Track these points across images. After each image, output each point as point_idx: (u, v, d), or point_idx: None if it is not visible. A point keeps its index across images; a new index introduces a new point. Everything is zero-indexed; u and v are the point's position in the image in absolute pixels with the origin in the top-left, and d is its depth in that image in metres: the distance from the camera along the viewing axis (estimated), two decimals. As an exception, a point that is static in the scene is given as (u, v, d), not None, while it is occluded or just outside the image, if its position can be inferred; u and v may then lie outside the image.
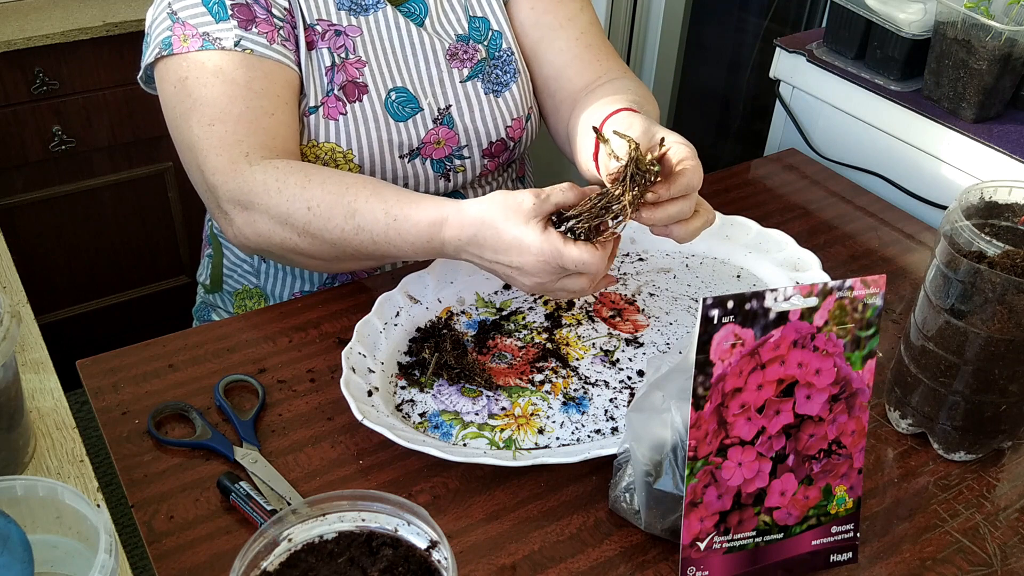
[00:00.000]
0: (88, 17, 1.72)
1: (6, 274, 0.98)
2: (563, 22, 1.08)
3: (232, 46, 0.92)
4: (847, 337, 0.67)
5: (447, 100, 1.04)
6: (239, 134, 0.91)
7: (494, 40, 1.07)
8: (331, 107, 0.98)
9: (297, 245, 0.90)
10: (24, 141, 1.75)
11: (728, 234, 1.04)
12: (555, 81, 1.08)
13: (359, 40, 1.00)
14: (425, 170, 1.04)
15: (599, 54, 1.07)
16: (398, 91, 1.01)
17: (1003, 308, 0.75)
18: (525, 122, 1.09)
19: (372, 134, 0.99)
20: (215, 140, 0.91)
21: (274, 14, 0.95)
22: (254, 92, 0.92)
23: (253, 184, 0.89)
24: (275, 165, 0.90)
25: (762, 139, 1.51)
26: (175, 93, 0.94)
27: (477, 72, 1.05)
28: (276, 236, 0.90)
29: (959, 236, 0.79)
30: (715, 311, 0.62)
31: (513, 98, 1.07)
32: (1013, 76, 1.16)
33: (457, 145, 1.05)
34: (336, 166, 0.99)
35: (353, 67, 0.99)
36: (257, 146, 0.92)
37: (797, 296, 0.65)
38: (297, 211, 0.88)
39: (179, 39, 0.93)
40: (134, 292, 2.05)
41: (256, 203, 0.89)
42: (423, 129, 1.02)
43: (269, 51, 0.93)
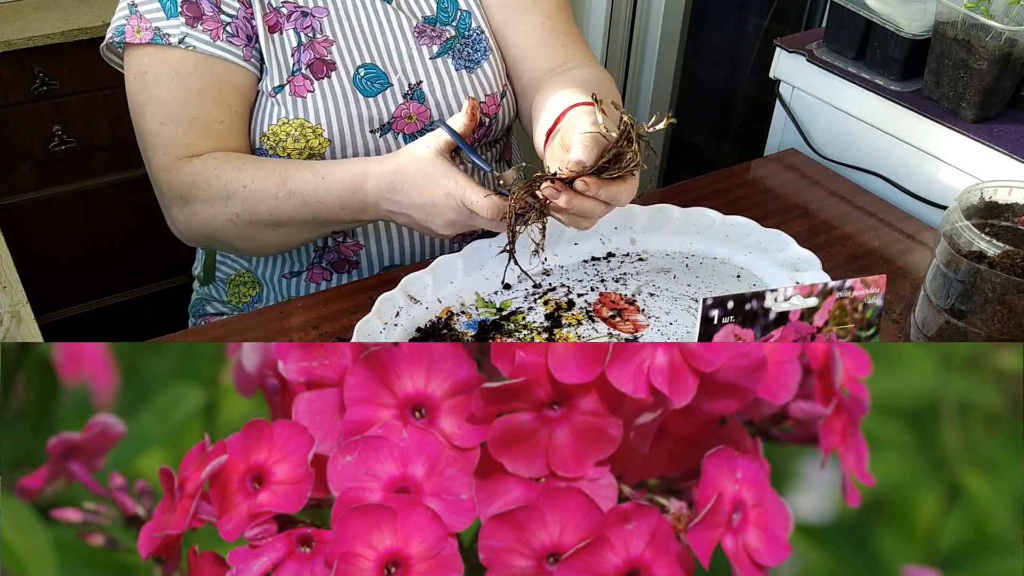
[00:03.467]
0: (88, 17, 1.72)
1: (6, 274, 0.98)
2: (528, 5, 1.09)
3: (177, 42, 0.95)
4: (847, 337, 0.67)
5: (417, 76, 1.05)
6: (188, 137, 0.97)
7: (463, 20, 1.08)
8: (298, 85, 1.00)
9: (239, 223, 0.95)
10: (24, 141, 1.75)
11: (728, 234, 1.04)
12: (521, 63, 1.10)
13: (326, 20, 1.02)
14: (397, 143, 1.05)
15: (564, 40, 1.09)
16: (367, 67, 1.02)
17: (1003, 308, 0.75)
18: (500, 99, 1.09)
19: (341, 109, 1.01)
20: (164, 139, 0.97)
21: (223, 10, 0.97)
22: (205, 99, 0.97)
23: (194, 176, 0.95)
24: (214, 156, 0.96)
25: (762, 139, 1.51)
26: (134, 84, 0.99)
27: (447, 49, 1.06)
28: (218, 219, 0.96)
29: (959, 236, 0.79)
30: (715, 311, 0.62)
31: (485, 75, 1.08)
32: (1013, 76, 1.16)
33: (429, 120, 1.05)
34: (306, 141, 1.00)
35: (321, 46, 1.01)
36: (204, 147, 0.97)
37: (797, 296, 0.65)
38: (235, 191, 0.94)
39: (133, 30, 0.96)
40: (134, 292, 2.05)
41: (196, 194, 0.95)
42: (393, 104, 1.03)
43: (212, 48, 0.96)
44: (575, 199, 0.81)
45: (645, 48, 2.19)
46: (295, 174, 0.93)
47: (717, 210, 1.06)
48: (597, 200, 0.81)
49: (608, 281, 1.00)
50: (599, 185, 0.80)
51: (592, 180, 0.80)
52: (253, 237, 0.98)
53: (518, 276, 0.99)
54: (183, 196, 0.97)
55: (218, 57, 0.96)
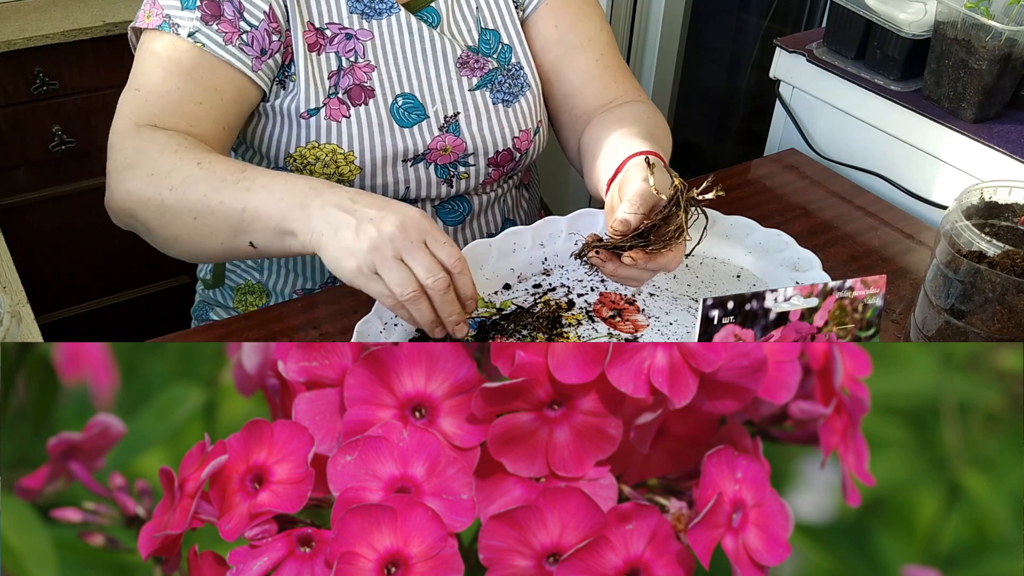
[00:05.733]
0: (88, 17, 1.72)
1: (6, 274, 0.98)
2: (584, 42, 1.09)
3: (187, 35, 0.93)
4: (847, 337, 0.67)
5: (455, 107, 1.04)
6: (156, 108, 0.92)
7: (503, 54, 1.08)
8: (333, 109, 0.98)
9: (163, 201, 0.87)
10: (24, 141, 1.75)
11: (728, 234, 1.04)
12: (572, 99, 1.10)
13: (369, 44, 1.00)
14: (428, 175, 1.04)
15: (616, 75, 1.10)
16: (405, 97, 1.01)
17: (1003, 308, 0.75)
18: (533, 135, 1.10)
19: (376, 138, 1.00)
20: (133, 105, 0.93)
21: (244, 18, 0.95)
22: (191, 78, 0.93)
23: (150, 144, 0.89)
24: (185, 136, 0.91)
25: (762, 139, 1.51)
26: (134, 63, 0.97)
27: (487, 81, 1.06)
28: (146, 192, 0.88)
29: (959, 236, 0.79)
30: (715, 311, 0.62)
31: (522, 110, 1.08)
32: (1013, 76, 1.16)
33: (463, 153, 1.05)
34: (336, 167, 0.99)
35: (361, 71, 0.99)
36: (169, 125, 0.92)
37: (797, 296, 0.65)
38: (184, 166, 0.87)
39: (144, 14, 0.95)
40: (134, 292, 2.05)
41: (141, 161, 0.89)
42: (428, 136, 1.02)
43: (221, 51, 0.94)
44: (620, 268, 0.83)
45: (645, 48, 2.19)
46: (261, 168, 0.87)
47: (717, 210, 1.06)
48: (644, 269, 0.83)
49: (608, 281, 1.00)
50: (646, 259, 0.81)
51: (639, 254, 0.81)
52: (172, 221, 0.88)
53: (518, 276, 0.99)
54: (127, 161, 0.90)
55: (224, 61, 0.94)
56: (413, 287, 0.77)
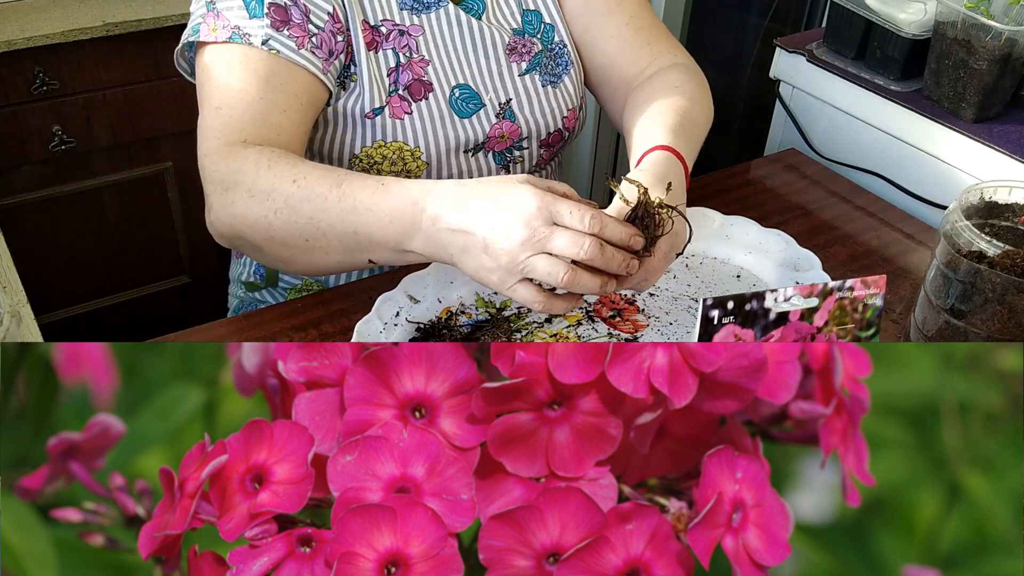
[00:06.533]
0: (88, 17, 1.72)
1: (6, 274, 0.98)
2: (612, 7, 1.08)
3: (260, 44, 0.91)
4: (847, 337, 0.67)
5: (507, 94, 1.05)
6: (243, 122, 0.90)
7: (546, 33, 1.08)
8: (395, 107, 0.99)
9: (270, 224, 0.85)
10: (24, 141, 1.75)
11: (728, 234, 1.04)
12: (608, 69, 1.09)
13: (421, 39, 1.01)
14: (488, 162, 1.06)
15: (650, 37, 1.08)
16: (461, 88, 1.02)
17: (1003, 308, 0.75)
18: (579, 112, 1.11)
19: (439, 132, 1.00)
20: (217, 124, 0.90)
21: (311, 20, 0.94)
22: (272, 85, 0.91)
23: (244, 163, 0.87)
24: (271, 149, 0.88)
25: (762, 139, 1.51)
26: (201, 77, 0.94)
27: (535, 65, 1.07)
28: (252, 215, 0.86)
29: (959, 236, 0.79)
30: (715, 311, 0.62)
31: (567, 89, 1.09)
32: (1013, 76, 1.16)
33: (519, 138, 1.06)
34: (404, 164, 1.00)
35: (417, 66, 1.00)
36: (258, 137, 0.90)
37: (797, 296, 0.65)
38: (282, 185, 0.84)
39: (209, 28, 0.92)
40: (134, 292, 2.05)
41: (240, 181, 0.86)
42: (487, 124, 1.03)
43: (296, 55, 0.92)
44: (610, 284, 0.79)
45: (645, 48, 2.19)
46: (355, 177, 0.84)
47: (717, 210, 1.06)
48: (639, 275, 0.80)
49: (608, 281, 1.00)
50: (635, 268, 0.78)
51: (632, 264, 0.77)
52: (284, 243, 0.87)
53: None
54: (225, 182, 0.87)
55: (300, 65, 0.92)
56: (562, 270, 0.74)
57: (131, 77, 1.77)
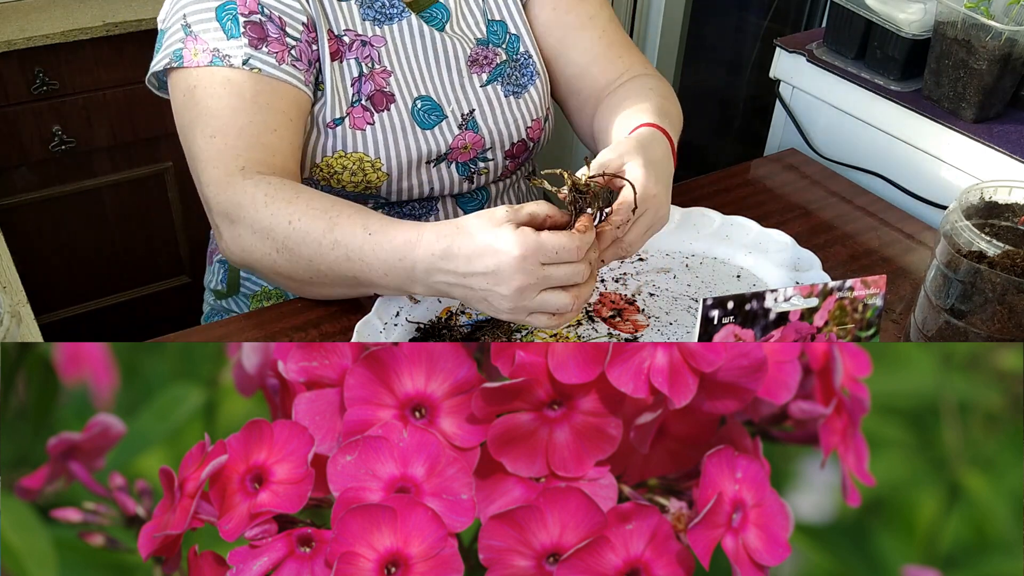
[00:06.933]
0: (88, 17, 1.72)
1: (6, 274, 0.98)
2: (584, 21, 1.09)
3: (240, 64, 0.92)
4: (847, 337, 0.67)
5: (470, 105, 1.04)
6: (238, 148, 0.91)
7: (511, 43, 1.08)
8: (357, 117, 0.98)
9: (275, 262, 0.89)
10: (24, 141, 1.75)
11: (728, 234, 1.04)
12: (579, 80, 1.10)
13: (383, 50, 1.00)
14: (451, 173, 1.05)
15: (621, 51, 1.09)
16: (423, 99, 1.02)
17: (1003, 308, 0.75)
18: (544, 123, 1.10)
19: (400, 143, 1.00)
20: (213, 152, 0.91)
21: (288, 33, 0.94)
22: (259, 106, 0.92)
23: (243, 197, 0.89)
24: (268, 180, 0.89)
25: (762, 139, 1.51)
26: (184, 102, 0.94)
27: (497, 75, 1.06)
28: (257, 251, 0.89)
29: (959, 236, 0.79)
30: (715, 311, 0.62)
31: (532, 100, 1.08)
32: (1013, 76, 1.16)
33: (482, 148, 1.06)
34: (364, 175, 0.99)
35: (380, 76, 0.99)
36: (255, 161, 0.91)
37: (797, 296, 0.65)
38: (279, 225, 0.87)
39: (190, 52, 0.93)
40: (134, 292, 2.05)
41: (243, 216, 0.89)
42: (449, 135, 1.03)
43: (277, 71, 0.93)
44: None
45: (645, 48, 2.19)
46: (345, 222, 0.85)
47: (717, 210, 1.06)
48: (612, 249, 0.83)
49: (608, 281, 1.00)
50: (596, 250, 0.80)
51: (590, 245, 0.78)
52: (290, 277, 0.90)
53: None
54: (230, 215, 0.90)
55: (283, 81, 0.93)
56: (571, 300, 0.77)
57: (131, 77, 1.77)
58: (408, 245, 0.81)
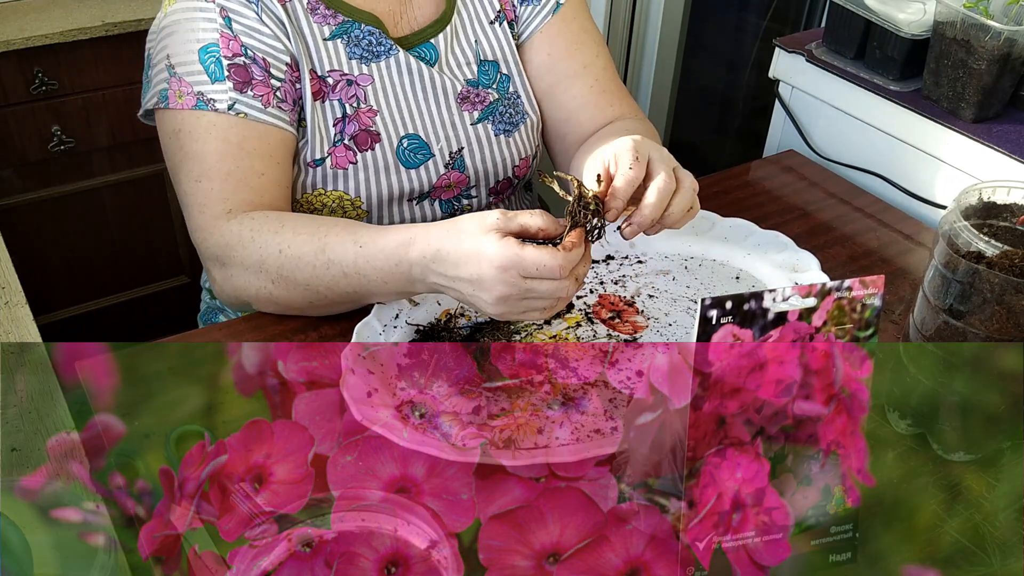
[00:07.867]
0: (88, 17, 1.72)
1: (6, 274, 0.98)
2: (578, 70, 1.08)
3: (226, 109, 0.91)
4: (846, 337, 0.67)
5: (459, 143, 1.04)
6: (225, 192, 0.92)
7: (502, 83, 1.07)
8: (339, 156, 0.98)
9: (271, 293, 0.89)
10: (23, 141, 1.75)
11: (727, 235, 1.04)
12: (566, 125, 1.09)
13: (370, 88, 0.99)
14: (433, 210, 1.04)
15: (612, 99, 1.09)
16: (410, 138, 1.01)
17: (1002, 308, 0.75)
18: (531, 161, 1.10)
19: (382, 182, 0.99)
20: (200, 197, 0.92)
21: (272, 74, 0.94)
22: (246, 152, 0.92)
23: (229, 237, 0.90)
24: (251, 216, 0.90)
25: (761, 139, 1.51)
26: (170, 144, 0.95)
27: (488, 114, 1.05)
28: (251, 287, 0.90)
29: (958, 236, 0.79)
30: (714, 312, 0.62)
31: (522, 139, 1.08)
32: (1012, 76, 1.16)
33: (466, 186, 1.05)
34: (343, 213, 0.99)
35: (365, 116, 0.99)
36: (242, 203, 0.92)
37: (796, 297, 0.65)
38: (269, 256, 0.87)
39: (175, 94, 0.92)
40: (134, 292, 2.05)
41: (232, 256, 0.90)
42: (435, 175, 1.02)
43: (263, 115, 0.93)
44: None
45: (644, 48, 2.19)
46: (335, 241, 0.85)
47: (716, 212, 1.06)
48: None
49: (607, 283, 1.00)
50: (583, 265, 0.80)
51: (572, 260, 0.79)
52: (290, 305, 0.91)
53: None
54: (220, 258, 0.91)
55: (270, 125, 0.93)
56: (554, 305, 0.77)
57: (130, 77, 1.77)
58: (401, 248, 0.82)
